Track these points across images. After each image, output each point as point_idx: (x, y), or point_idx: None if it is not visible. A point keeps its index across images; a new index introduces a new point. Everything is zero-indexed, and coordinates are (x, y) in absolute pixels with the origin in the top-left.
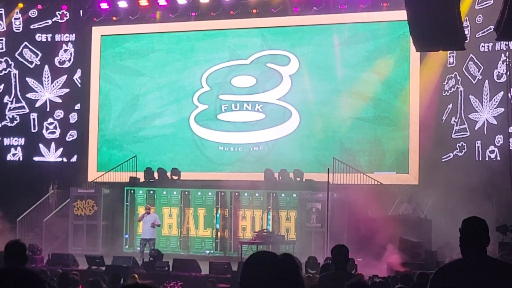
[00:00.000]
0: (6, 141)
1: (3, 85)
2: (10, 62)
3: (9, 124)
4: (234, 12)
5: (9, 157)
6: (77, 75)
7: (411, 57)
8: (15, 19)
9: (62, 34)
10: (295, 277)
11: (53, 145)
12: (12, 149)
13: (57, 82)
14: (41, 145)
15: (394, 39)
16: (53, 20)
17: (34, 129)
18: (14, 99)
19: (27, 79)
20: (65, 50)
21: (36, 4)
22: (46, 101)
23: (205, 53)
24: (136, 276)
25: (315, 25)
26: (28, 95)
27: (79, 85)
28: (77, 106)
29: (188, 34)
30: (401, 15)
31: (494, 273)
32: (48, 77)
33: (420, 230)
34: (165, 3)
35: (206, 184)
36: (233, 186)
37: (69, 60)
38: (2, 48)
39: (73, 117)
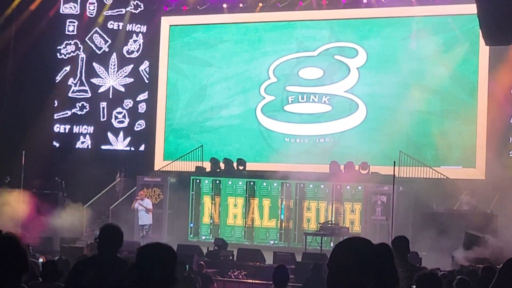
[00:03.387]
0: (76, 129)
1: (69, 66)
2: (79, 46)
3: (78, 112)
4: (303, 3)
5: (78, 144)
6: (143, 66)
7: (480, 51)
8: (90, 3)
9: (134, 24)
10: (387, 269)
11: (121, 134)
12: (81, 137)
13: (123, 70)
14: (109, 134)
15: (464, 33)
16: (127, 9)
17: (103, 118)
18: (78, 82)
19: (93, 64)
20: (135, 41)
21: None
22: (109, 88)
23: (273, 44)
24: (203, 263)
25: (383, 18)
26: (92, 80)
27: (144, 77)
28: (144, 96)
29: (256, 25)
30: (471, 8)
31: None
32: (114, 64)
33: (486, 225)
34: None
35: (272, 175)
36: (299, 177)
37: (138, 51)
38: (73, 31)
39: (142, 107)
